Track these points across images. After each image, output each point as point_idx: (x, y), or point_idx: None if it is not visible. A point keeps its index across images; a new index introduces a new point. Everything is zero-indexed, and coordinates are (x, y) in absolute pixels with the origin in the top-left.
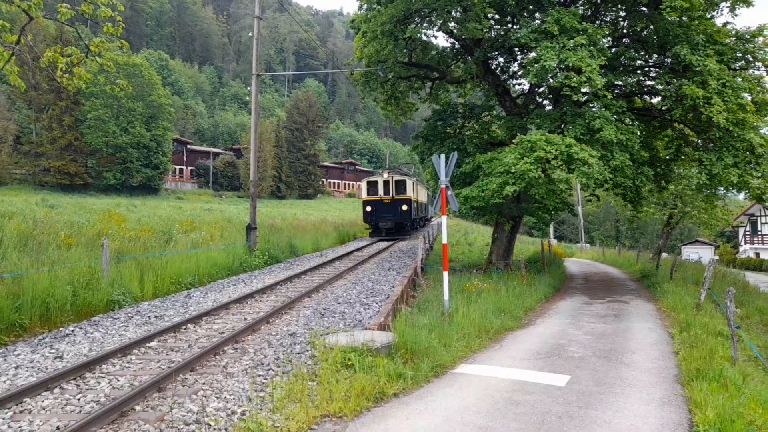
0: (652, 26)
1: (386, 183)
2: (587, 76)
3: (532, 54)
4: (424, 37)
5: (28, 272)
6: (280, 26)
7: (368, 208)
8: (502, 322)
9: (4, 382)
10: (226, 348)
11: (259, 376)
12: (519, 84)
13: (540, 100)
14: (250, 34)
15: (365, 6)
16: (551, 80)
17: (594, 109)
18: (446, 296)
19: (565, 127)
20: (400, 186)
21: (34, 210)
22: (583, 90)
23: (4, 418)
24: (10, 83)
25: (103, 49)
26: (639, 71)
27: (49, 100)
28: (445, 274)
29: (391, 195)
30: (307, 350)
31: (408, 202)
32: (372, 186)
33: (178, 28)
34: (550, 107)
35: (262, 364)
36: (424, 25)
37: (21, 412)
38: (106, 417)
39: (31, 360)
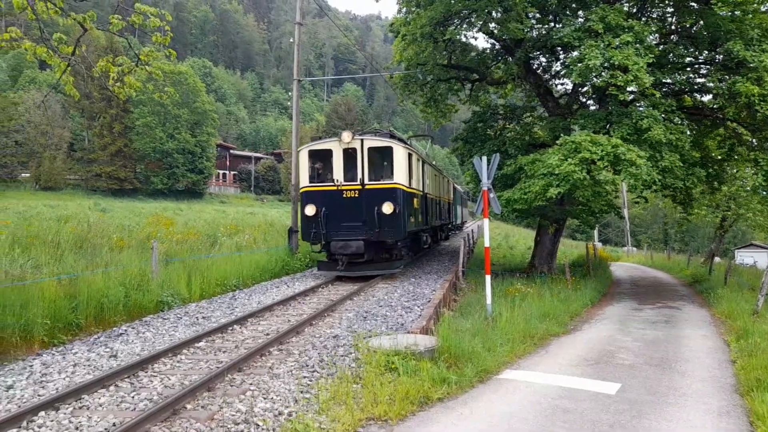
0: (702, 22)
1: (349, 154)
2: (634, 74)
3: (576, 53)
4: (464, 39)
5: (84, 274)
6: (320, 32)
7: (309, 211)
8: (547, 328)
9: (64, 379)
10: (271, 349)
11: (305, 377)
12: (562, 84)
13: (584, 100)
14: (291, 40)
15: (404, 9)
16: (596, 79)
17: (641, 109)
18: (489, 300)
19: (610, 127)
20: (381, 161)
21: (88, 214)
22: (629, 89)
23: (65, 413)
24: (64, 93)
25: (152, 58)
26: (689, 68)
27: (100, 108)
28: (488, 277)
29: (359, 180)
30: (351, 353)
31: (397, 195)
32: (320, 160)
33: (221, 36)
34: (595, 107)
35: (307, 365)
36: (464, 26)
37: (80, 408)
38: (160, 415)
39: (87, 358)
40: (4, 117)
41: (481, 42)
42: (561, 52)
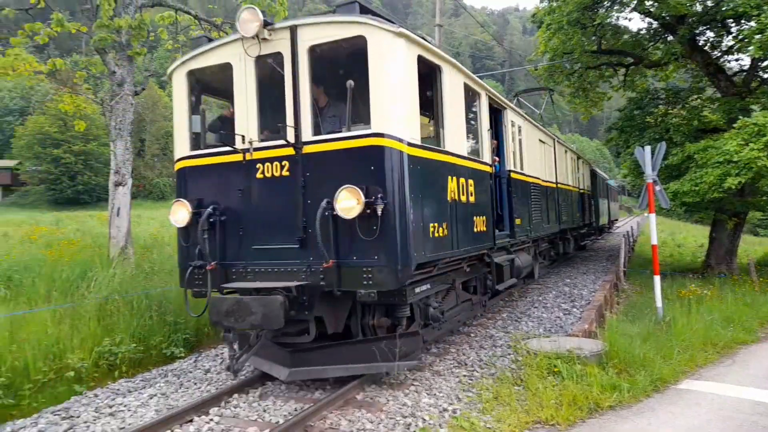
0: None
1: (269, 73)
2: None
3: (753, 23)
4: (615, 21)
5: None
6: (455, 31)
7: (178, 216)
8: (732, 335)
9: (249, 366)
10: (429, 347)
11: (464, 376)
12: (736, 60)
13: (765, 76)
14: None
15: None
16: None
17: None
18: (659, 303)
19: None
20: (340, 80)
21: None
22: None
23: (253, 396)
24: None
25: None
26: None
27: None
28: (656, 278)
29: (290, 133)
30: (509, 354)
31: (381, 167)
32: (212, 93)
33: None
34: None
35: (465, 364)
36: (615, 7)
37: (265, 393)
38: (335, 402)
39: None
40: None
41: (636, 22)
42: (733, 25)
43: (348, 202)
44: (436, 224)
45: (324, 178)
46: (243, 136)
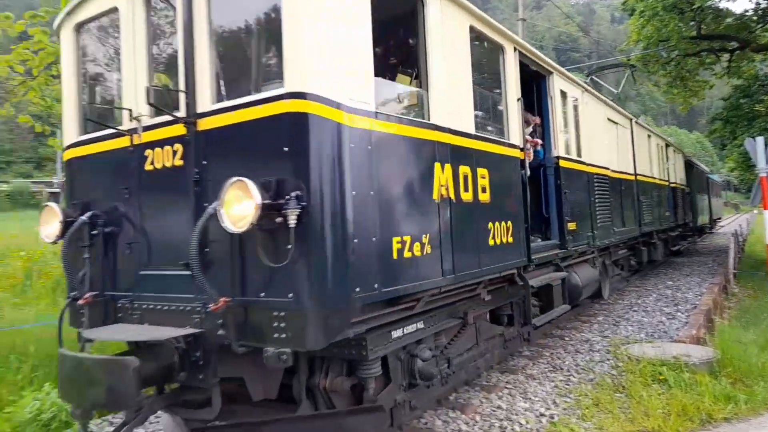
0: None
1: (158, 7)
2: None
3: None
4: (717, 4)
5: None
6: (538, 24)
7: (49, 227)
8: None
9: None
10: (521, 349)
11: (561, 380)
12: None
13: None
14: None
15: None
16: None
17: None
18: None
19: None
20: (242, 24)
21: None
22: None
23: None
24: None
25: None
26: None
27: None
28: None
29: (183, 101)
30: (607, 359)
31: (300, 144)
32: (102, 52)
33: None
34: None
35: (561, 368)
36: None
37: None
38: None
39: None
40: None
41: (741, 3)
42: None
43: (236, 207)
44: (407, 238)
45: (226, 168)
46: (130, 111)
